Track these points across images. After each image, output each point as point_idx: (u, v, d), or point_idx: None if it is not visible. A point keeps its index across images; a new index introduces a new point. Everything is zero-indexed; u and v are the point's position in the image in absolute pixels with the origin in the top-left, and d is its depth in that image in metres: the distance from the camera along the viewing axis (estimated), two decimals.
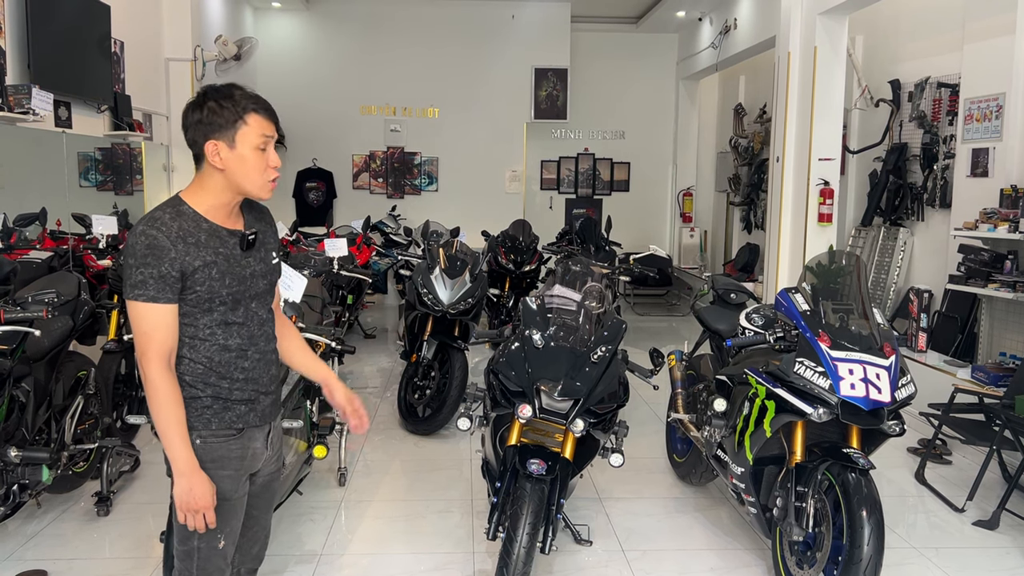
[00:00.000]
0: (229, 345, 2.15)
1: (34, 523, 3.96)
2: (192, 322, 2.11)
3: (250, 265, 2.18)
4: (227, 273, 2.11)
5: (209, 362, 2.13)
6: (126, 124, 6.48)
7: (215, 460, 2.15)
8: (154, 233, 2.01)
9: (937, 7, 6.72)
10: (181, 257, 2.03)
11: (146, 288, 2.01)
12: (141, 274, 2.00)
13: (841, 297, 3.54)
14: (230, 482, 2.18)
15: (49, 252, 5.16)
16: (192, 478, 2.06)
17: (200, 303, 2.09)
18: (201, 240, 2.08)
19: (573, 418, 3.15)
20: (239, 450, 2.19)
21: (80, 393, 4.12)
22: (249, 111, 2.08)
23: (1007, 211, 5.40)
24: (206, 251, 2.08)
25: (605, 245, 8.78)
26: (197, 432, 2.12)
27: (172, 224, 2.05)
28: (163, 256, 2.01)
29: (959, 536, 4.06)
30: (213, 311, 2.12)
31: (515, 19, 10.98)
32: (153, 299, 2.01)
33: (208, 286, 2.08)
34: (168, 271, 2.01)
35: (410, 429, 5.50)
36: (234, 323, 2.16)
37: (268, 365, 2.27)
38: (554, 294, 3.62)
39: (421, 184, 11.27)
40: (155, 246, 2.00)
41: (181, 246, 2.03)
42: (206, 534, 2.15)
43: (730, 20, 9.76)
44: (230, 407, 2.16)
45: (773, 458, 3.45)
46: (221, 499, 2.15)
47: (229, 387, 2.15)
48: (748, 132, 10.44)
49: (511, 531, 3.00)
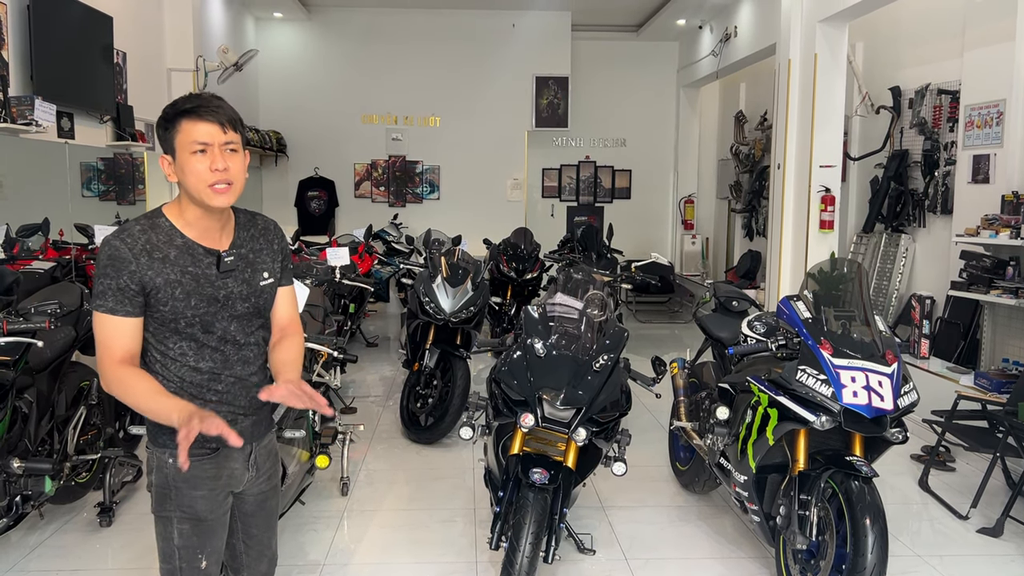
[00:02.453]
0: (200, 367, 2.09)
1: (37, 534, 3.96)
2: (162, 339, 2.06)
3: (226, 287, 2.09)
4: (194, 294, 2.04)
5: (181, 382, 2.08)
6: (128, 134, 6.50)
7: (187, 480, 2.09)
8: (117, 244, 1.98)
9: (937, 14, 6.73)
10: (142, 271, 1.98)
11: (105, 299, 1.98)
12: (102, 284, 1.98)
13: (843, 304, 3.54)
14: (205, 502, 2.13)
15: (52, 262, 5.17)
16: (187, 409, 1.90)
17: (166, 322, 2.04)
18: (169, 256, 2.02)
19: (575, 427, 3.15)
20: (213, 469, 2.12)
21: (83, 404, 4.12)
22: (180, 119, 2.01)
23: (1008, 217, 5.40)
24: (172, 269, 2.01)
25: (607, 253, 8.78)
26: (170, 451, 2.05)
27: (140, 236, 2.01)
28: (122, 268, 1.97)
29: (963, 544, 4.04)
30: (180, 332, 2.05)
31: (516, 28, 11.01)
32: (112, 311, 1.98)
33: (172, 306, 2.02)
34: (127, 284, 1.97)
35: (412, 438, 5.49)
36: (206, 345, 2.08)
37: (247, 389, 2.17)
38: (556, 302, 3.62)
39: (423, 192, 11.28)
40: (116, 257, 1.97)
41: (144, 259, 1.99)
42: (187, 554, 2.12)
43: (730, 28, 9.78)
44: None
45: (776, 466, 3.44)
46: (198, 520, 2.12)
47: (203, 407, 2.02)
48: (749, 139, 10.45)
49: (514, 540, 2.99)
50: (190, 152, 2.00)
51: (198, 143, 1.99)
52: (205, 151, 2.00)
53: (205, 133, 2.00)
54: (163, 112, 2.04)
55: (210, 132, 2.00)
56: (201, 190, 2.01)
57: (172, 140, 2.02)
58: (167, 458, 2.08)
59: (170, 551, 2.12)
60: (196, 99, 2.04)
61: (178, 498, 2.10)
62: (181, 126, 2.00)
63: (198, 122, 2.00)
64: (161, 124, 2.04)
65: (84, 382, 4.18)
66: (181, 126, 2.00)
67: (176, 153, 2.02)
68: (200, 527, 2.13)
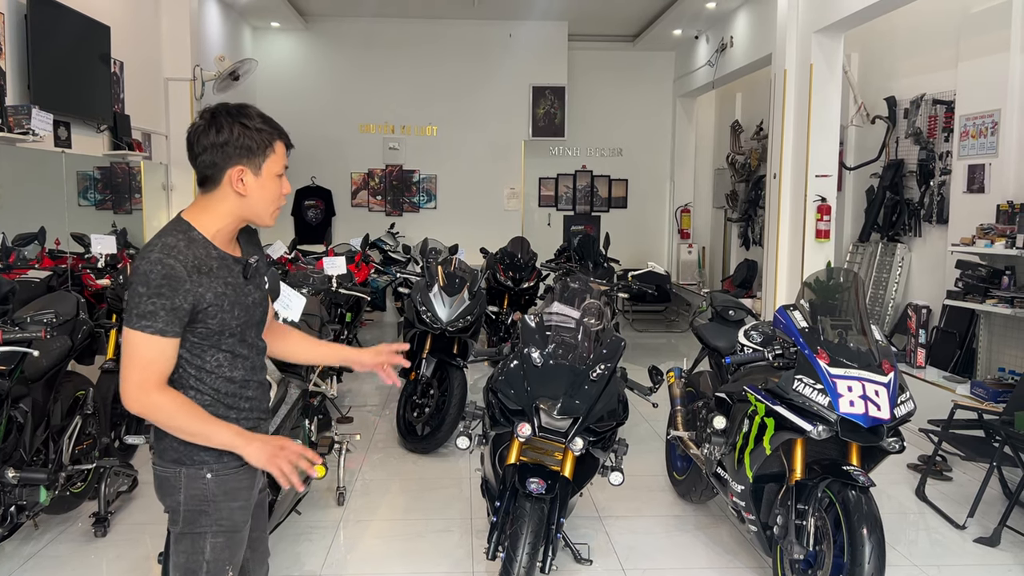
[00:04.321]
0: (234, 377, 2.09)
1: (31, 544, 3.94)
2: (199, 354, 2.02)
3: (251, 293, 2.11)
4: (236, 304, 2.03)
5: (216, 393, 2.06)
6: (125, 144, 6.50)
7: (227, 492, 2.08)
8: (172, 263, 1.90)
9: (932, 25, 6.77)
10: (195, 289, 1.93)
11: (155, 320, 1.90)
12: (152, 304, 1.89)
13: (839, 313, 3.55)
14: (242, 512, 2.14)
15: (48, 271, 5.16)
16: (257, 440, 2.00)
17: (210, 336, 2.01)
18: (213, 269, 1.99)
19: (572, 436, 3.15)
20: (248, 480, 2.13)
21: (78, 413, 4.11)
22: (277, 139, 2.04)
23: (1004, 227, 5.42)
24: (217, 282, 1.99)
25: (603, 262, 8.79)
26: (208, 467, 2.04)
27: (187, 252, 1.95)
28: (179, 288, 1.91)
29: (960, 553, 4.04)
30: (221, 343, 2.04)
31: (512, 38, 11.05)
32: (161, 332, 1.91)
33: (220, 319, 2.00)
34: (181, 304, 1.92)
35: (409, 447, 5.48)
36: (239, 355, 2.10)
37: (265, 392, 2.24)
38: (553, 311, 3.62)
39: (419, 202, 11.29)
40: (172, 276, 1.90)
41: (196, 276, 1.94)
42: (215, 567, 2.08)
43: (726, 38, 9.82)
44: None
45: (773, 476, 3.44)
46: (234, 531, 2.11)
47: (236, 418, 2.08)
48: (745, 149, 10.48)
49: (511, 550, 2.99)
50: (276, 174, 2.05)
51: (284, 167, 2.08)
52: (283, 177, 2.08)
53: (286, 160, 2.09)
54: (253, 124, 2.00)
55: (286, 160, 2.10)
56: (269, 210, 2.07)
57: (264, 158, 2.02)
58: (205, 473, 2.04)
59: (197, 567, 2.07)
60: (278, 124, 2.07)
61: (216, 512, 2.07)
62: (277, 148, 2.04)
63: (285, 148, 2.07)
64: (254, 136, 1.99)
65: (80, 392, 4.17)
66: (277, 148, 2.04)
67: (262, 171, 2.02)
68: (233, 539, 2.12)
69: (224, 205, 2.03)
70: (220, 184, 2.01)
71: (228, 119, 1.98)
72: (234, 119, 1.98)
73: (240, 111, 2.01)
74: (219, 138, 1.97)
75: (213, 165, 1.99)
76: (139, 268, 1.92)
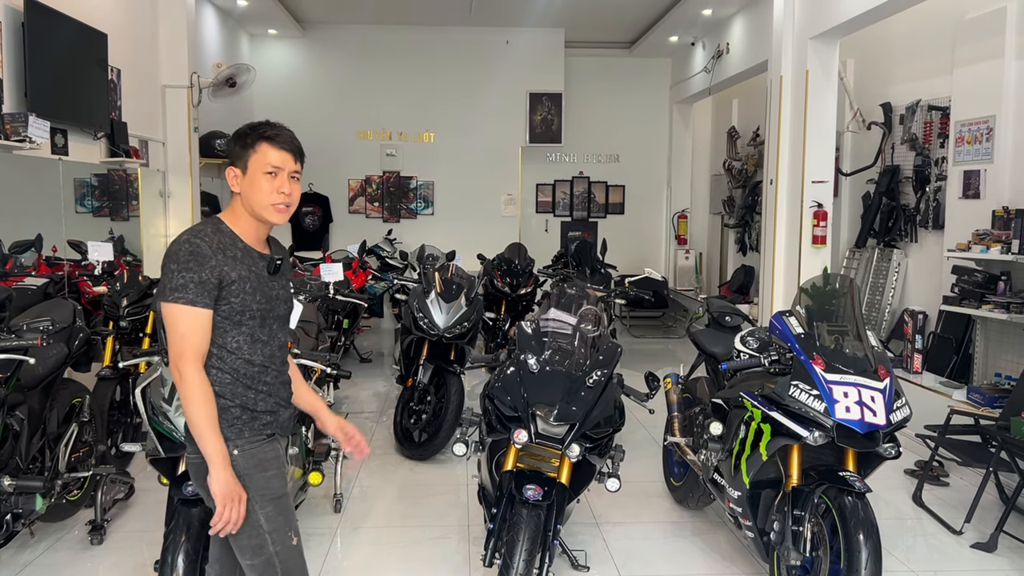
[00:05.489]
0: (253, 360, 2.28)
1: (27, 552, 3.93)
2: (221, 334, 2.23)
3: (275, 288, 2.33)
4: (258, 289, 2.26)
5: (235, 373, 2.25)
6: (123, 151, 6.50)
7: (258, 464, 2.26)
8: (197, 241, 2.17)
9: (927, 31, 6.79)
10: (220, 266, 2.17)
11: (186, 291, 2.13)
12: (182, 278, 2.13)
13: (836, 319, 3.55)
14: (278, 479, 2.30)
15: (45, 279, 5.17)
16: (229, 470, 2.17)
17: (232, 315, 2.22)
18: (237, 256, 2.23)
19: (569, 443, 3.15)
20: (273, 452, 2.31)
21: (74, 421, 4.10)
22: (261, 140, 2.25)
23: (999, 232, 5.43)
24: (241, 266, 2.23)
25: (600, 268, 8.79)
26: (232, 443, 2.23)
27: (213, 237, 2.21)
28: (204, 263, 2.15)
29: (957, 559, 4.04)
30: (243, 324, 2.24)
31: (509, 44, 11.07)
32: (192, 302, 2.14)
33: (242, 299, 2.22)
34: (208, 277, 2.15)
35: (406, 454, 5.48)
36: (259, 340, 2.29)
37: (285, 384, 2.42)
38: (550, 318, 3.62)
39: (417, 208, 11.30)
40: (198, 252, 2.15)
41: (221, 256, 2.18)
42: (278, 536, 2.25)
43: (722, 44, 9.85)
44: (257, 416, 2.29)
45: (770, 482, 3.44)
46: (277, 497, 2.28)
47: (255, 398, 2.28)
48: (742, 155, 10.50)
49: (507, 557, 2.98)
50: (263, 172, 2.25)
51: (271, 166, 2.25)
52: (275, 175, 2.25)
53: (279, 159, 2.26)
54: (243, 131, 2.28)
55: (283, 159, 2.27)
56: (265, 206, 2.26)
57: (248, 157, 2.26)
58: (231, 449, 2.22)
59: (261, 540, 2.24)
60: (276, 128, 2.29)
61: (253, 484, 2.23)
62: (260, 147, 2.25)
63: (275, 148, 2.26)
64: (239, 141, 2.27)
65: (76, 399, 4.16)
66: (260, 147, 2.25)
67: (248, 169, 2.26)
68: (281, 504, 2.29)
69: (236, 204, 2.30)
70: (231, 186, 2.29)
71: (236, 133, 2.30)
72: (238, 132, 2.29)
73: (251, 125, 2.30)
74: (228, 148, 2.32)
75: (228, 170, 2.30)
76: (170, 249, 2.19)
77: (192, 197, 7.61)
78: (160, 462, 3.08)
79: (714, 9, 9.44)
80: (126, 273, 5.29)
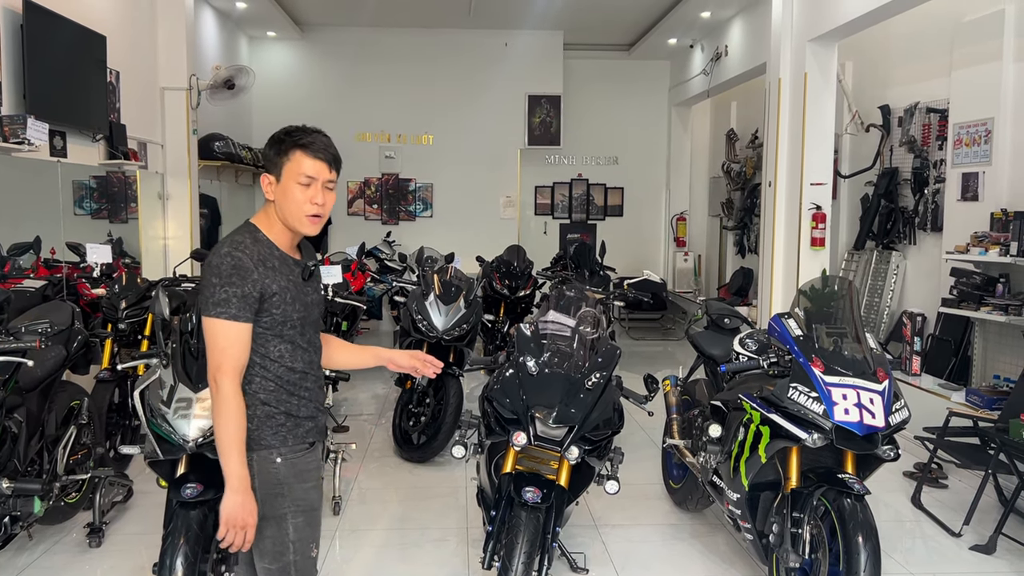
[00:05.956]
0: (295, 367, 2.27)
1: (25, 555, 3.92)
2: (263, 343, 2.21)
3: (309, 294, 2.32)
4: (297, 299, 2.25)
5: (279, 380, 2.24)
6: (121, 153, 6.50)
7: (298, 474, 2.25)
8: (239, 255, 2.14)
9: (925, 33, 6.80)
10: (262, 280, 2.15)
11: (228, 307, 2.11)
12: (225, 292, 2.11)
13: (834, 321, 3.55)
14: (316, 491, 2.30)
15: (43, 281, 5.16)
16: (245, 496, 2.13)
17: (274, 326, 2.21)
18: (275, 266, 2.21)
19: (568, 445, 3.14)
20: (315, 462, 2.31)
21: (73, 423, 4.09)
22: (295, 148, 2.20)
23: (998, 234, 5.44)
24: (280, 276, 2.21)
25: (599, 270, 8.79)
26: (276, 450, 2.22)
27: (253, 248, 2.18)
28: (247, 277, 2.13)
29: (956, 561, 4.04)
30: (284, 334, 2.23)
31: (508, 47, 11.08)
32: (234, 317, 2.12)
33: (283, 310, 2.20)
34: (250, 292, 2.13)
35: (405, 456, 5.47)
36: (300, 347, 2.28)
37: (321, 388, 2.42)
38: (548, 320, 3.62)
39: (416, 210, 11.30)
40: (240, 267, 2.13)
41: (262, 269, 2.16)
42: (301, 546, 2.25)
43: (721, 47, 9.86)
44: (300, 423, 2.28)
45: (769, 484, 3.44)
46: (312, 509, 2.28)
47: (298, 404, 2.27)
48: (740, 157, 10.51)
49: (506, 560, 2.98)
50: (296, 181, 2.20)
51: (306, 176, 2.20)
52: (309, 184, 2.21)
53: (313, 168, 2.21)
54: (278, 136, 2.23)
55: (317, 168, 2.22)
56: (298, 216, 2.22)
57: (282, 165, 2.21)
58: (275, 457, 2.22)
59: (284, 547, 2.24)
60: (311, 135, 2.24)
61: (291, 494, 2.23)
62: (294, 155, 2.20)
63: (309, 157, 2.21)
64: (273, 147, 2.23)
65: (74, 401, 4.16)
66: (294, 155, 2.20)
67: (282, 177, 2.21)
68: (313, 516, 2.29)
69: (271, 209, 2.27)
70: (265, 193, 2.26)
71: (272, 138, 2.25)
72: (274, 137, 2.25)
73: (286, 130, 2.26)
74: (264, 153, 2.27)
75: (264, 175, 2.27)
76: (211, 262, 2.16)
77: (191, 199, 7.60)
78: (159, 464, 3.07)
79: (713, 11, 9.45)
80: (125, 275, 5.28)
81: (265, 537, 2.23)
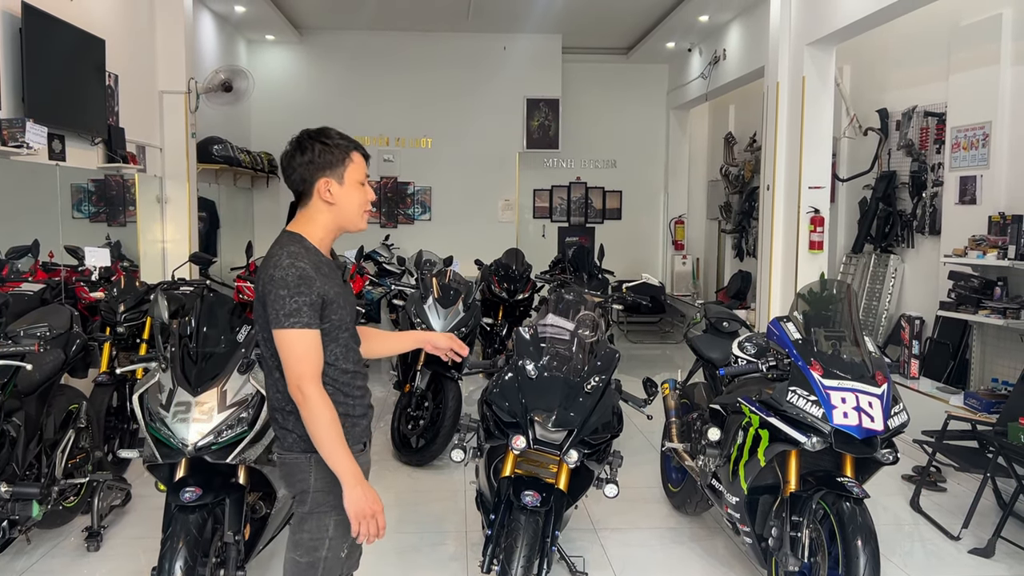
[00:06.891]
0: (347, 368, 2.32)
1: (24, 559, 3.92)
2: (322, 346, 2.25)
3: (350, 295, 2.39)
4: (346, 303, 2.32)
5: (336, 383, 2.28)
6: (120, 156, 6.50)
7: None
8: (302, 265, 2.18)
9: (923, 37, 6.82)
10: (322, 287, 2.21)
11: (301, 315, 2.15)
12: (296, 302, 2.15)
13: (833, 325, 3.56)
14: None
15: (41, 284, 5.15)
16: (364, 487, 2.19)
17: (332, 331, 2.26)
18: (327, 272, 2.27)
19: (567, 449, 3.14)
20: (366, 464, 2.37)
21: (71, 427, 4.09)
22: (353, 150, 2.31)
23: (995, 238, 5.45)
24: (333, 282, 2.28)
25: (598, 273, 8.80)
26: None
27: (308, 257, 2.22)
28: (312, 285, 2.17)
29: (955, 564, 4.04)
30: (339, 337, 2.29)
31: (507, 50, 11.10)
32: (307, 325, 2.16)
33: (339, 315, 2.27)
34: (316, 299, 2.18)
35: (404, 460, 5.47)
36: (351, 348, 2.35)
37: (367, 386, 2.46)
38: (547, 323, 3.63)
39: (414, 213, 11.31)
40: (305, 276, 2.17)
41: (321, 277, 2.22)
42: (335, 544, 2.30)
43: (719, 51, 9.88)
44: (356, 423, 2.34)
45: (768, 487, 3.44)
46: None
47: (353, 404, 2.33)
48: (738, 160, 10.52)
49: (505, 564, 2.98)
50: (358, 182, 2.32)
51: (366, 175, 2.35)
52: (365, 184, 2.35)
53: (365, 168, 2.36)
54: (332, 141, 2.29)
55: (366, 168, 2.37)
56: (358, 215, 2.34)
57: (345, 168, 2.29)
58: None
59: (320, 542, 2.29)
60: (353, 140, 2.35)
61: (339, 493, 2.23)
62: (354, 158, 2.32)
63: (363, 159, 2.35)
64: (331, 151, 2.28)
65: (73, 405, 4.15)
66: (354, 158, 2.32)
67: (345, 181, 2.29)
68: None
69: (321, 216, 2.31)
70: (312, 197, 2.29)
71: (310, 140, 2.28)
72: (315, 139, 2.28)
73: (320, 132, 2.31)
74: (304, 157, 2.27)
75: (304, 181, 2.29)
76: (275, 276, 2.17)
77: (189, 203, 7.60)
78: (157, 468, 3.07)
79: (711, 15, 9.47)
80: (123, 279, 5.28)
81: (304, 530, 2.29)
